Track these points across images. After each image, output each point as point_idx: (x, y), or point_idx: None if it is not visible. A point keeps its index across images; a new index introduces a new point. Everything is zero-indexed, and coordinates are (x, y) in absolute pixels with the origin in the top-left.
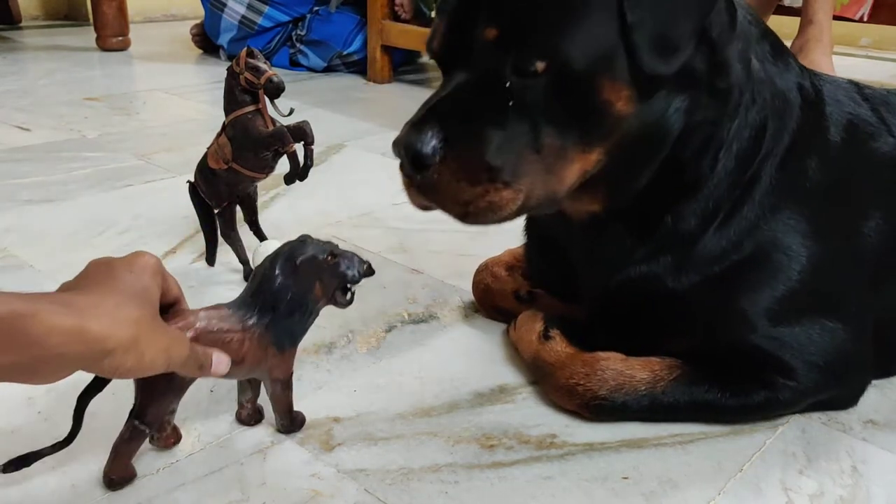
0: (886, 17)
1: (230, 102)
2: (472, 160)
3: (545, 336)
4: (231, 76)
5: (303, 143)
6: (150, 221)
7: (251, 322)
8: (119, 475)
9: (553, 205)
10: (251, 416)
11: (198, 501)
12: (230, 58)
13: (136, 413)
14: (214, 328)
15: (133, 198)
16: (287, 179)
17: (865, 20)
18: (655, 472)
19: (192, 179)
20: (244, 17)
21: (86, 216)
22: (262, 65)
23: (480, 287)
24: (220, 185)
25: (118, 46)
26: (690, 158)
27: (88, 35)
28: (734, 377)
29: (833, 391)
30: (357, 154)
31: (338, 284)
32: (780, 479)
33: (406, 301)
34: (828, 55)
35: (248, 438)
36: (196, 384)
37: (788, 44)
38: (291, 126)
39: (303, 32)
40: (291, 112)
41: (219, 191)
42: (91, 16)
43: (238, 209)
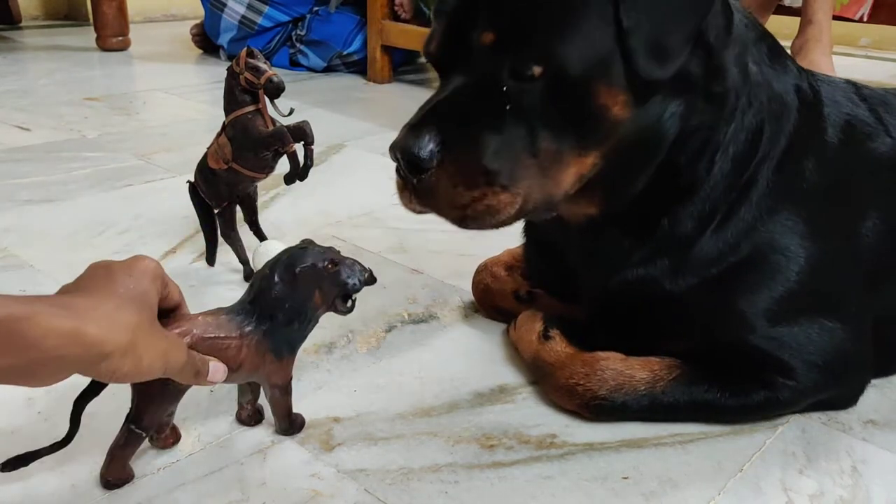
0: (886, 17)
1: (230, 102)
2: (470, 164)
3: (545, 336)
4: (231, 76)
5: (303, 143)
6: (150, 221)
7: (249, 329)
8: (116, 477)
9: (550, 209)
10: (251, 417)
11: (198, 501)
12: (230, 58)
13: (133, 418)
14: (212, 334)
15: (133, 198)
16: (287, 179)
17: (865, 20)
18: (655, 472)
19: (192, 179)
20: (244, 17)
21: (86, 216)
22: (262, 65)
23: (480, 287)
24: (220, 185)
25: (118, 46)
26: (686, 162)
27: (88, 35)
28: (734, 377)
29: (833, 391)
30: (357, 154)
31: (338, 293)
32: (780, 479)
33: (406, 301)
34: (827, 55)
35: (248, 438)
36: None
37: (788, 44)
38: (291, 126)
39: (303, 32)
40: (291, 112)
41: (219, 191)
42: (91, 16)
43: (238, 209)
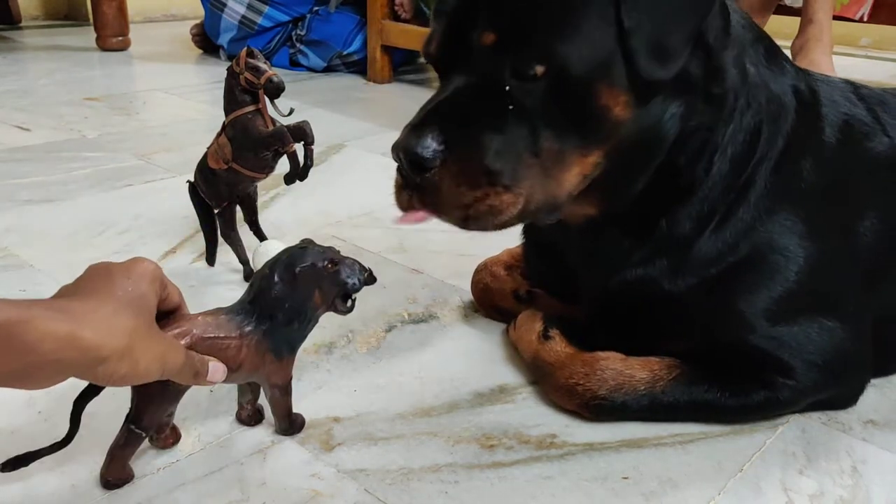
0: (886, 17)
1: (230, 102)
2: (472, 164)
3: (545, 336)
4: (231, 76)
5: (303, 143)
6: (150, 221)
7: (248, 329)
8: (116, 477)
9: (554, 211)
10: (251, 417)
11: (198, 501)
12: (230, 58)
13: (132, 418)
14: (212, 334)
15: (133, 198)
16: (287, 179)
17: (865, 20)
18: (655, 472)
19: (192, 179)
20: (244, 17)
21: (86, 216)
22: (262, 65)
23: (480, 287)
24: (220, 185)
25: (118, 46)
26: (686, 163)
27: (88, 35)
28: (733, 377)
29: (832, 390)
30: (357, 154)
31: (338, 293)
32: (780, 479)
33: (406, 301)
34: (828, 55)
35: (248, 438)
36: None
37: (788, 43)
38: (291, 126)
39: (303, 32)
40: (291, 112)
41: (219, 191)
42: (91, 16)
43: (238, 209)
